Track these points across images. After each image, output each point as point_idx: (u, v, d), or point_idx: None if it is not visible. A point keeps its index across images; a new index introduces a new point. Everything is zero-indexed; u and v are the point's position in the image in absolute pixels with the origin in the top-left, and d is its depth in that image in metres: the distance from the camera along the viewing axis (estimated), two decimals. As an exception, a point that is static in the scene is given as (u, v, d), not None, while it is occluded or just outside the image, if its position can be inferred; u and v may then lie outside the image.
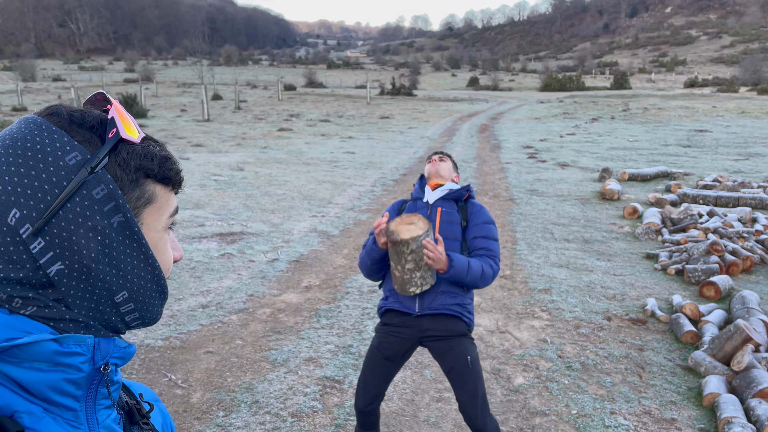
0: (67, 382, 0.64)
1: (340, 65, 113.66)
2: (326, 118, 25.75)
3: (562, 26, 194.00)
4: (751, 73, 57.16)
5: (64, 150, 0.63)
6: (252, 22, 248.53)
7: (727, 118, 24.52)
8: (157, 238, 0.71)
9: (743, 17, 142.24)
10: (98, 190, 0.64)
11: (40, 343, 0.62)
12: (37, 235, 0.61)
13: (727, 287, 5.45)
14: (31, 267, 0.62)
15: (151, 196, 0.69)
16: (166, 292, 0.73)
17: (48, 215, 0.61)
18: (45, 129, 0.64)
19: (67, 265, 0.63)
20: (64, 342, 0.63)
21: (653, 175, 11.52)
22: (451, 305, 2.59)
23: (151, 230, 0.70)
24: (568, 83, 56.36)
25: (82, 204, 0.63)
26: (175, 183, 0.73)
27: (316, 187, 10.51)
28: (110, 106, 0.69)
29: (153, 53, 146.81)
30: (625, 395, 3.74)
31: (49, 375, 0.63)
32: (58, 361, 0.63)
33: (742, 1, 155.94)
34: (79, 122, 0.65)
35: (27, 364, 0.62)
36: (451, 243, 2.68)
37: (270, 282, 5.68)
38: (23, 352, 0.62)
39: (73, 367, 0.64)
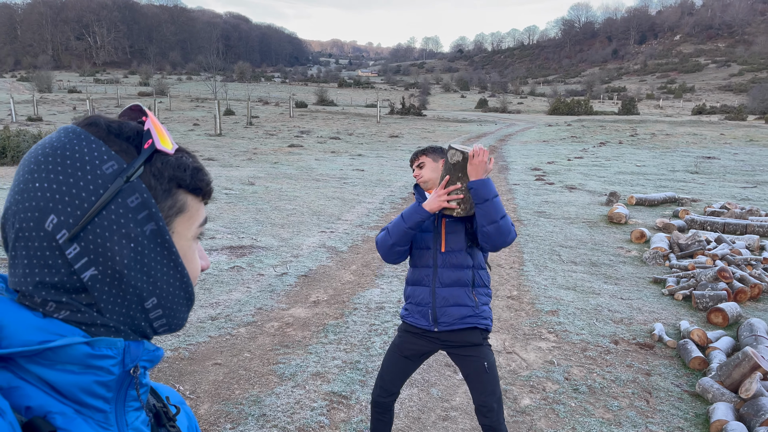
0: (98, 384, 0.66)
1: (351, 84, 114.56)
2: (336, 136, 25.94)
3: (571, 51, 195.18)
4: (759, 101, 57.21)
5: (102, 159, 0.65)
6: (266, 39, 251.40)
7: (734, 146, 24.53)
8: (186, 246, 0.73)
9: (752, 46, 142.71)
10: (133, 198, 0.66)
11: (72, 346, 0.63)
12: (73, 240, 0.64)
13: (734, 314, 5.44)
14: (65, 272, 0.64)
15: (182, 205, 0.71)
16: (193, 299, 0.75)
17: (84, 222, 0.63)
18: (84, 138, 0.66)
19: (100, 271, 0.65)
20: (95, 345, 0.65)
21: (661, 201, 11.53)
22: (464, 318, 2.66)
23: (181, 239, 0.72)
24: (576, 107, 56.55)
25: (117, 212, 0.65)
26: (205, 194, 0.75)
27: (325, 203, 10.58)
28: (146, 118, 0.71)
29: (168, 68, 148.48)
30: (632, 420, 3.74)
31: (80, 377, 0.65)
32: (89, 364, 0.65)
33: (750, 30, 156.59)
34: (117, 133, 0.68)
35: (60, 366, 0.63)
36: (458, 254, 2.69)
37: (278, 296, 5.71)
38: (56, 355, 0.63)
39: (104, 369, 0.66)
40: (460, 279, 2.70)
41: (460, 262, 2.70)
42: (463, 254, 2.70)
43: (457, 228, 2.71)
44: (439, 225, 2.74)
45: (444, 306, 2.67)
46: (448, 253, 2.69)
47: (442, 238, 2.71)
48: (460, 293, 2.68)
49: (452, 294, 2.67)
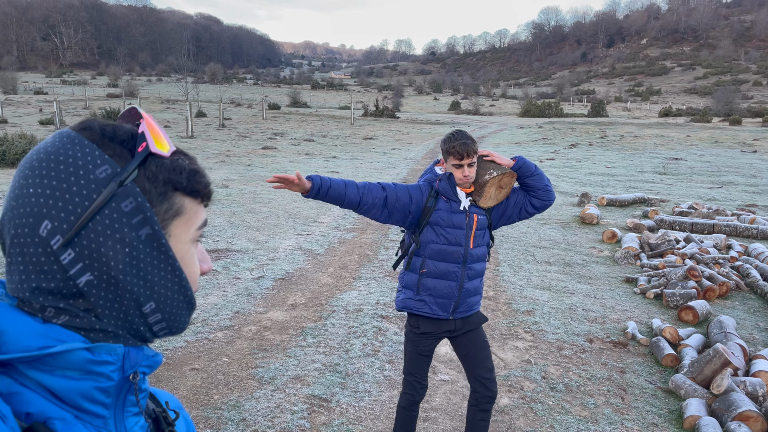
0: (97, 390, 0.66)
1: (325, 86, 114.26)
2: (310, 138, 25.85)
3: (542, 54, 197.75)
4: (724, 104, 58.72)
5: (95, 164, 0.65)
6: (237, 41, 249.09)
7: (700, 147, 25.13)
8: (184, 250, 0.72)
9: (716, 50, 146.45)
10: (127, 203, 0.65)
11: (72, 352, 0.63)
12: (67, 246, 0.63)
13: (704, 312, 5.58)
14: (61, 277, 0.64)
15: (179, 208, 0.70)
16: (193, 303, 0.74)
17: (78, 227, 0.63)
18: (78, 143, 0.66)
19: (96, 276, 0.65)
20: (95, 351, 0.65)
21: (631, 201, 11.76)
22: (474, 305, 2.90)
23: (179, 242, 0.71)
24: (547, 110, 57.33)
25: (111, 216, 0.64)
26: (203, 196, 0.74)
27: (301, 205, 10.54)
28: (142, 121, 0.71)
29: (137, 69, 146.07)
30: (608, 417, 3.81)
31: (80, 383, 0.64)
32: (89, 370, 0.65)
33: (714, 35, 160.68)
34: (111, 136, 0.67)
35: (59, 372, 0.63)
36: (482, 250, 2.87)
37: (256, 299, 5.68)
38: (56, 361, 0.63)
39: (103, 375, 0.66)
40: (482, 270, 2.91)
41: (483, 255, 2.88)
42: (484, 249, 2.88)
43: (483, 224, 2.85)
44: (471, 222, 2.80)
45: (466, 297, 2.86)
46: (476, 248, 2.84)
47: (472, 234, 2.81)
48: (478, 284, 2.90)
49: (474, 285, 2.88)
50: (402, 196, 2.75)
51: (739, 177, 16.27)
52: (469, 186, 2.76)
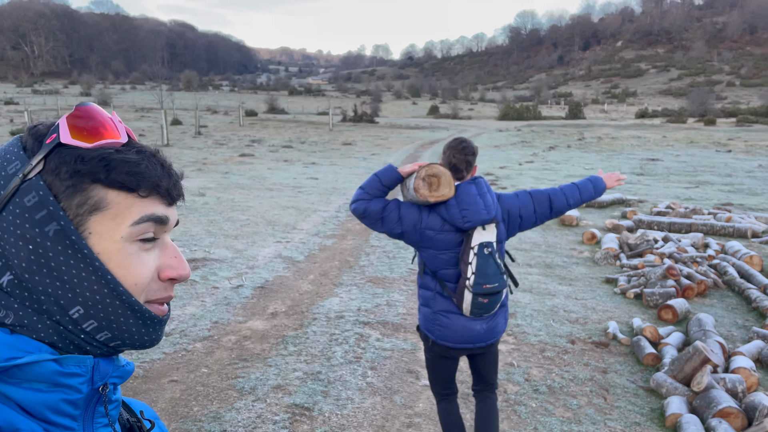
0: (65, 402, 0.64)
1: (302, 92, 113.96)
2: (289, 144, 25.74)
3: (519, 57, 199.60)
4: (698, 104, 59.70)
5: (10, 160, 0.63)
6: (213, 47, 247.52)
7: (677, 148, 25.53)
8: (114, 249, 0.65)
9: (689, 51, 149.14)
10: (29, 197, 0.62)
11: (40, 363, 0.61)
12: None
13: (683, 310, 5.63)
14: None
15: (97, 202, 0.64)
16: (142, 311, 0.67)
17: None
18: (12, 143, 0.65)
19: (15, 275, 0.62)
20: (64, 362, 0.63)
21: (609, 202, 11.87)
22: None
23: (105, 240, 0.65)
24: (525, 113, 57.81)
25: (14, 212, 0.62)
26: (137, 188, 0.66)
27: (279, 212, 10.46)
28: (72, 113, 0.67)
29: (110, 77, 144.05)
30: (591, 417, 3.81)
31: (47, 395, 0.62)
32: (57, 382, 0.62)
33: (688, 36, 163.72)
34: (34, 133, 0.65)
35: (26, 384, 0.61)
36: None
37: (235, 309, 5.60)
38: (23, 373, 0.61)
39: (72, 388, 0.63)
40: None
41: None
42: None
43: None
44: None
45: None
46: None
47: None
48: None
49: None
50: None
51: (714, 176, 16.54)
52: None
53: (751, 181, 15.44)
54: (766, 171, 17.57)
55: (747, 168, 18.33)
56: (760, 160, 20.59)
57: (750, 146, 25.71)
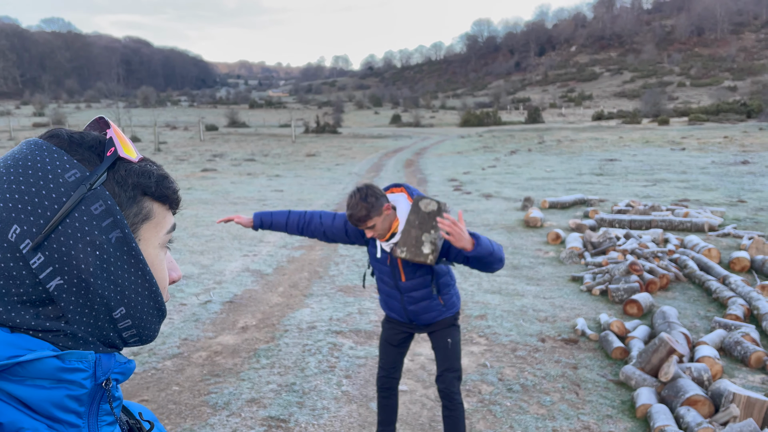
0: (69, 398, 0.65)
1: (263, 105, 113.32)
2: (251, 158, 25.52)
3: (477, 65, 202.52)
4: (651, 105, 61.55)
5: (64, 168, 0.65)
6: (169, 63, 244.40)
7: (633, 148, 26.21)
8: (153, 255, 0.72)
9: (641, 54, 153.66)
10: (96, 205, 0.65)
11: (42, 360, 0.63)
12: (37, 250, 0.63)
13: (648, 304, 5.78)
14: (30, 282, 0.63)
15: (148, 212, 0.71)
16: (163, 310, 0.74)
17: (48, 230, 0.63)
18: (45, 149, 0.66)
19: (66, 280, 0.64)
20: (66, 358, 0.64)
21: (571, 203, 12.11)
22: (436, 317, 2.99)
23: (149, 246, 0.71)
24: (486, 118, 58.66)
25: (80, 219, 0.64)
26: (172, 202, 0.75)
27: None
28: (108, 129, 0.72)
29: (64, 96, 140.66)
30: (564, 413, 3.87)
31: (52, 392, 0.64)
32: (60, 378, 0.64)
33: (638, 40, 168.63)
34: (79, 142, 0.68)
35: (30, 381, 0.63)
36: (420, 280, 2.88)
37: (204, 325, 5.51)
38: (26, 370, 0.62)
39: (75, 383, 0.65)
40: (427, 294, 2.95)
41: (422, 283, 2.91)
42: (423, 277, 2.90)
43: None
44: (394, 260, 2.89)
45: (417, 314, 2.99)
46: (409, 280, 2.91)
47: (401, 270, 2.90)
48: (428, 305, 2.97)
49: (422, 307, 2.97)
50: (338, 231, 3.02)
51: (670, 174, 17.04)
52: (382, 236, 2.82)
53: (705, 177, 15.96)
54: (719, 167, 18.18)
55: (701, 165, 18.94)
56: (712, 156, 21.31)
57: (703, 144, 26.60)
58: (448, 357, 3.07)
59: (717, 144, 26.10)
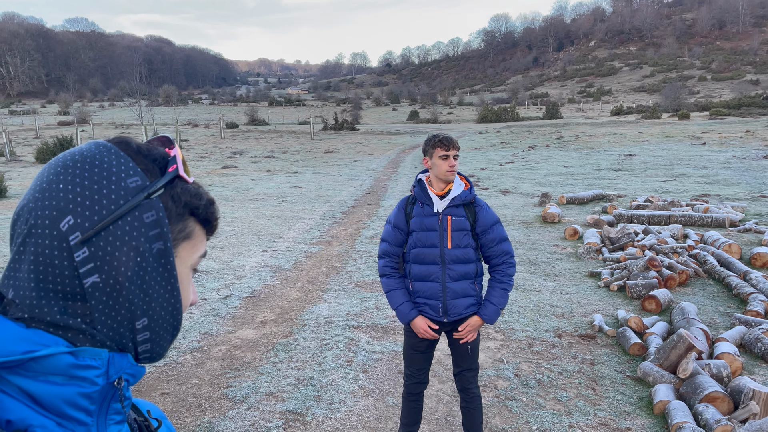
0: (81, 396, 0.65)
1: (282, 102, 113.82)
2: (271, 155, 25.69)
3: (495, 60, 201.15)
4: (671, 99, 60.65)
5: (128, 173, 0.68)
6: (190, 61, 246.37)
7: (652, 143, 25.90)
8: (184, 273, 0.74)
9: (661, 48, 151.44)
10: (149, 215, 0.68)
11: (56, 356, 0.63)
12: (84, 244, 0.65)
13: (666, 300, 5.73)
14: (69, 274, 0.65)
15: (190, 232, 0.73)
16: (179, 329, 0.75)
17: (100, 227, 0.65)
18: (114, 152, 0.69)
19: (103, 279, 0.66)
20: (79, 355, 0.64)
21: (590, 198, 12.03)
22: (469, 306, 2.98)
23: (182, 265, 0.73)
24: (504, 114, 58.31)
25: (131, 224, 0.67)
26: (212, 227, 0.77)
27: (264, 222, 10.45)
28: (172, 147, 0.75)
29: (88, 95, 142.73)
30: (581, 409, 3.87)
31: (64, 388, 0.64)
32: (73, 375, 0.64)
33: (658, 34, 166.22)
34: (145, 154, 0.71)
35: (42, 377, 0.63)
36: (464, 251, 2.91)
37: (224, 319, 5.59)
38: (39, 365, 0.62)
39: (87, 380, 0.65)
40: (468, 273, 2.94)
41: (466, 256, 2.92)
42: (467, 249, 2.91)
43: (462, 225, 2.90)
44: (444, 222, 2.88)
45: (454, 299, 2.93)
46: (455, 249, 2.88)
47: (449, 235, 2.87)
48: (466, 286, 2.95)
49: (461, 287, 2.93)
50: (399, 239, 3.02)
51: (690, 169, 16.81)
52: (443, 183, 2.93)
53: (726, 172, 15.72)
54: (740, 162, 17.90)
55: (722, 159, 18.66)
56: (734, 151, 20.97)
57: (724, 138, 26.18)
58: (469, 357, 3.10)
59: (738, 138, 25.67)
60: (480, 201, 3.02)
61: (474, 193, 3.00)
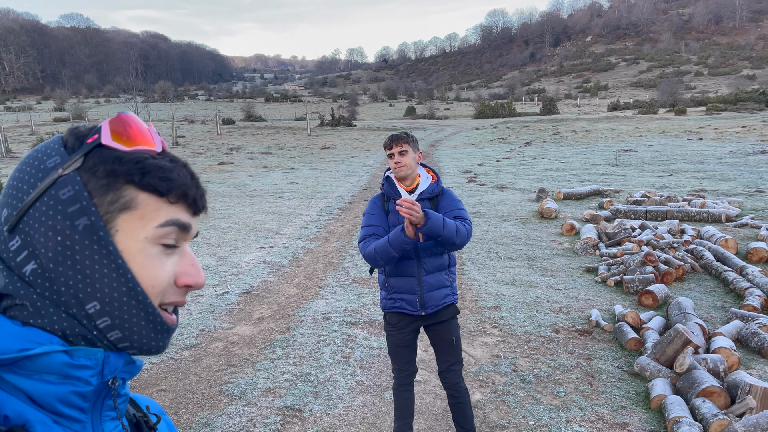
0: (75, 394, 0.65)
1: (279, 98, 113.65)
2: (267, 151, 25.64)
3: (492, 56, 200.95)
4: (668, 95, 60.69)
5: (49, 155, 0.66)
6: (187, 57, 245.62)
7: (649, 138, 25.92)
8: (137, 248, 0.67)
9: (657, 44, 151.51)
10: (65, 191, 0.64)
11: (50, 355, 0.62)
12: (13, 232, 0.65)
13: (663, 295, 5.74)
14: (14, 266, 0.65)
15: (128, 202, 0.66)
16: (153, 313, 0.68)
17: (20, 213, 0.64)
18: (54, 140, 0.69)
19: (39, 264, 0.64)
20: (74, 354, 0.64)
21: (586, 194, 12.04)
22: (445, 297, 3.01)
23: (129, 239, 0.66)
24: (501, 110, 58.28)
25: (48, 204, 0.64)
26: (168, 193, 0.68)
27: (261, 218, 10.43)
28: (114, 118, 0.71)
29: (84, 91, 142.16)
30: (578, 403, 3.88)
31: (58, 387, 0.63)
32: (67, 374, 0.63)
33: (655, 29, 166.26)
34: (75, 132, 0.68)
35: (37, 376, 0.62)
36: (434, 244, 2.93)
37: (221, 315, 5.59)
38: (34, 364, 0.62)
39: (81, 380, 0.64)
40: (441, 264, 3.00)
41: (436, 248, 2.96)
42: (436, 242, 2.93)
43: None
44: None
45: (430, 291, 2.97)
46: (427, 241, 2.92)
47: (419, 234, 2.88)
48: (441, 278, 3.00)
49: (436, 279, 2.98)
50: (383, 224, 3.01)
51: (687, 164, 16.84)
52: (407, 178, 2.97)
53: (722, 167, 15.75)
54: (736, 157, 17.93)
55: (718, 155, 18.69)
56: (730, 146, 21.01)
57: (720, 133, 26.22)
58: (454, 352, 3.13)
59: (735, 133, 25.71)
60: (444, 189, 3.07)
61: (441, 186, 3.05)
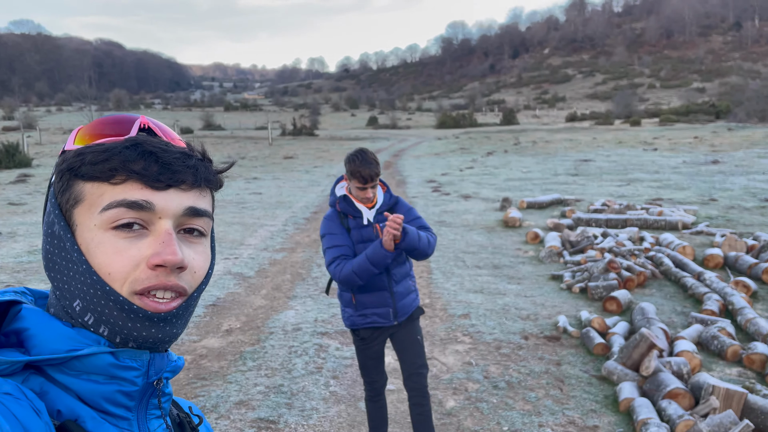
0: (121, 394, 0.67)
1: (238, 107, 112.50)
2: (228, 161, 25.34)
3: (452, 67, 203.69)
4: (623, 106, 62.60)
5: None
6: (142, 65, 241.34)
7: (606, 148, 26.65)
8: (89, 238, 0.66)
9: (612, 57, 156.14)
10: (49, 204, 0.72)
11: (97, 356, 0.65)
12: None
13: (626, 301, 5.90)
14: None
15: (77, 195, 0.67)
16: (120, 301, 0.65)
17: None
18: None
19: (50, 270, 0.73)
20: (120, 356, 0.66)
21: (549, 203, 12.28)
22: (413, 300, 3.07)
23: (84, 230, 0.66)
24: (462, 120, 59.07)
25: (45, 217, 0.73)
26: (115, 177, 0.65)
27: (225, 229, 10.29)
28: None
29: (34, 99, 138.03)
30: (549, 408, 3.94)
31: (104, 387, 0.66)
32: (113, 374, 0.66)
33: (610, 42, 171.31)
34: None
35: (85, 376, 0.65)
36: (399, 252, 2.93)
37: (188, 328, 5.48)
38: (82, 364, 0.65)
39: (127, 380, 0.67)
40: (407, 272, 3.06)
41: (402, 257, 3.00)
42: (399, 252, 2.94)
43: None
44: (377, 231, 2.95)
45: (401, 300, 3.01)
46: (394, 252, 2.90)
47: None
48: (408, 284, 3.06)
49: (405, 287, 3.03)
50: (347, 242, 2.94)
51: (643, 174, 17.36)
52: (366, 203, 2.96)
53: (677, 177, 16.30)
54: (690, 167, 18.59)
55: (672, 164, 19.34)
56: (684, 156, 21.77)
57: (674, 144, 27.15)
58: (420, 353, 3.13)
59: (688, 144, 26.67)
60: (398, 198, 3.11)
61: (394, 196, 3.08)
